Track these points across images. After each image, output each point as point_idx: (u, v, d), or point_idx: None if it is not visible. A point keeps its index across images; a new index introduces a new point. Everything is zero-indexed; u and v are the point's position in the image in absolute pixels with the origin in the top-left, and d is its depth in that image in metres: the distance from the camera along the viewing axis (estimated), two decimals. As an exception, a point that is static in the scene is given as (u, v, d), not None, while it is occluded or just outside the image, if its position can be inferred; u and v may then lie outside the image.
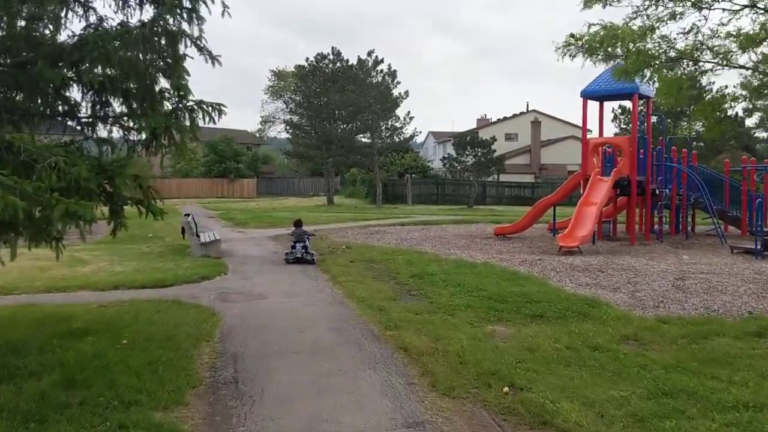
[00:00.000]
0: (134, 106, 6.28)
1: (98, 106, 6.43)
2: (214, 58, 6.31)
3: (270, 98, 71.75)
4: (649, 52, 9.96)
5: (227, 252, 15.66)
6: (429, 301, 9.37)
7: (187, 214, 16.46)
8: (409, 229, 22.80)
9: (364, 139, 39.50)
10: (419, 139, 54.71)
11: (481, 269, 11.88)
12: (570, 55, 10.72)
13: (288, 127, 41.67)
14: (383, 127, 36.58)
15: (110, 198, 6.18)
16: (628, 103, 37.84)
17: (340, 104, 36.58)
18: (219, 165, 59.01)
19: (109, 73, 5.85)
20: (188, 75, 6.36)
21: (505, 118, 57.66)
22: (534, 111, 54.95)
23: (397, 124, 36.66)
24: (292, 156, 46.57)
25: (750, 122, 43.86)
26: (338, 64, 38.45)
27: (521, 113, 56.26)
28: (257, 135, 77.24)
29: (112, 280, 11.25)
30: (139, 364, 6.00)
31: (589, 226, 15.84)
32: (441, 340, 7.04)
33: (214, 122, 6.74)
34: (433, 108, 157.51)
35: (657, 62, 10.07)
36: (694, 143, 34.61)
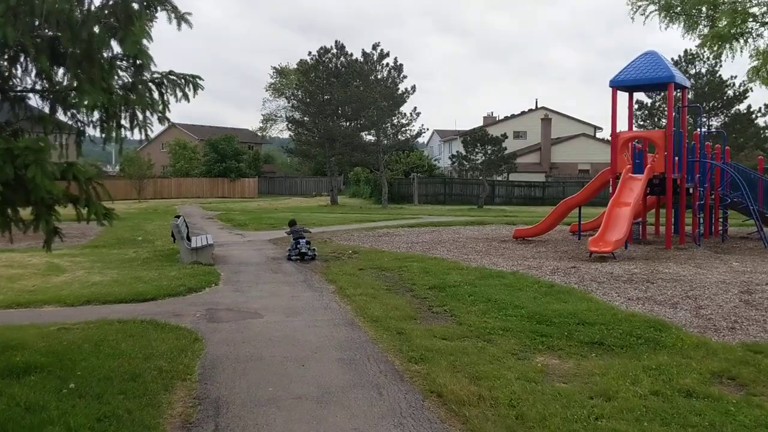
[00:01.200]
0: (82, 76, 4.70)
1: (30, 76, 4.87)
2: (181, 17, 4.77)
3: (272, 96, 70.21)
4: (748, 9, 8.24)
5: (221, 258, 14.12)
6: (456, 321, 7.80)
7: (178, 216, 14.91)
8: (419, 231, 21.25)
9: (368, 137, 37.95)
10: (424, 137, 53.09)
11: (510, 280, 10.29)
12: (642, 13, 9.02)
13: (290, 125, 40.14)
14: (389, 124, 34.99)
15: (27, 194, 4.58)
16: (645, 98, 36.24)
17: (344, 100, 35.04)
18: (219, 164, 57.51)
19: (36, 25, 4.29)
20: (149, 39, 4.81)
21: (513, 116, 56.05)
22: (543, 108, 53.34)
23: (404, 121, 35.08)
24: (295, 154, 45.04)
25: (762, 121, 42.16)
26: (342, 59, 36.91)
27: (530, 110, 54.65)
28: (259, 134, 75.67)
29: (84, 293, 9.71)
30: (83, 423, 4.44)
31: (622, 229, 14.25)
32: (483, 380, 5.47)
33: (188, 99, 5.17)
34: (434, 108, 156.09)
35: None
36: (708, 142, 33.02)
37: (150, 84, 4.92)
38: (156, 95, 5.00)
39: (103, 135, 5.00)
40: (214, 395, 5.30)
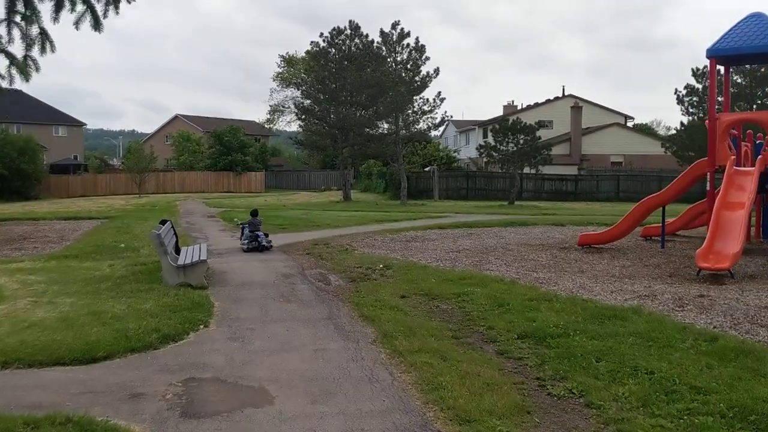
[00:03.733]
0: None
1: None
2: None
3: (279, 86, 66.75)
4: None
5: (218, 275, 10.93)
6: (603, 420, 4.56)
7: (164, 221, 11.70)
8: (454, 234, 18.00)
9: (385, 126, 34.57)
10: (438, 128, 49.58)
11: (640, 325, 6.97)
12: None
13: (299, 113, 36.81)
14: (410, 111, 31.62)
15: None
16: (694, 82, 32.66)
17: (359, 85, 31.72)
18: (225, 157, 54.33)
19: None
20: None
21: (536, 105, 52.54)
22: (571, 96, 49.81)
23: (426, 108, 31.64)
24: (304, 146, 41.75)
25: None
26: (356, 40, 33.56)
27: (556, 98, 51.11)
28: (266, 126, 72.38)
29: (10, 343, 6.54)
30: None
31: (738, 238, 10.97)
32: None
33: None
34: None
35: None
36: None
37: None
38: None
39: None
40: None
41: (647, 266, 11.94)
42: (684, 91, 31.71)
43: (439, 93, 31.39)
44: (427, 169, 42.57)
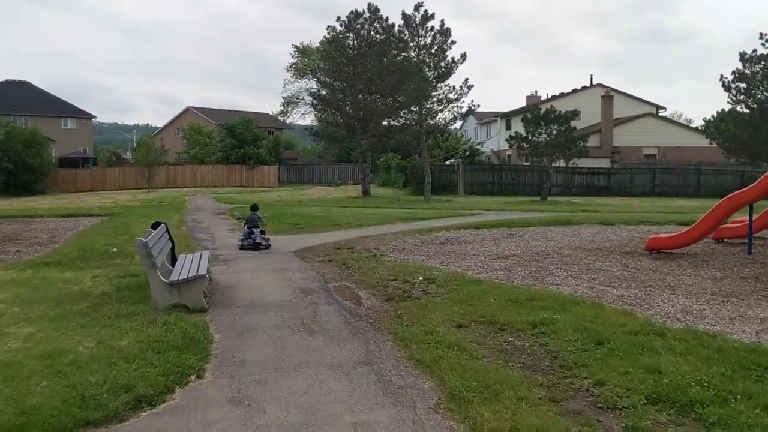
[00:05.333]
0: None
1: None
2: None
3: (293, 77, 64.61)
4: None
5: (222, 291, 8.89)
6: None
7: (157, 224, 9.66)
8: (494, 236, 15.86)
9: (406, 115, 32.33)
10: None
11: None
12: None
13: (315, 102, 34.67)
14: (435, 100, 29.39)
15: None
16: (740, 64, 30.07)
17: (379, 72, 29.53)
18: (237, 150, 52.38)
19: None
20: None
21: (562, 94, 50.03)
22: (600, 85, 47.28)
23: (452, 96, 29.39)
24: (320, 137, 39.61)
25: None
26: (375, 24, 31.36)
27: (584, 88, 48.61)
28: (279, 118, 70.35)
29: None
30: None
31: None
32: None
33: None
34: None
35: None
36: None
37: None
38: None
39: None
40: None
41: (745, 279, 9.74)
42: (731, 77, 29.18)
43: (467, 80, 29.10)
44: (449, 162, 40.36)
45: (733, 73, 29.06)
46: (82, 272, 10.52)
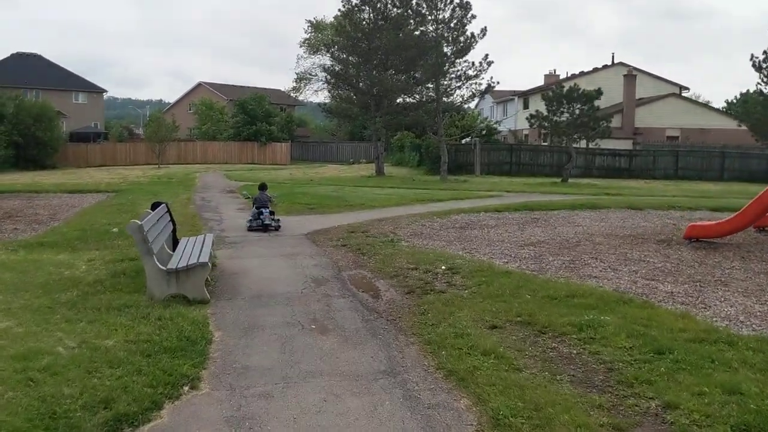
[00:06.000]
0: None
1: None
2: None
3: (306, 52, 63.34)
4: None
5: (227, 278, 8.11)
6: None
7: (157, 204, 8.87)
8: (517, 219, 14.98)
9: (422, 92, 31.22)
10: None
11: None
12: None
13: (329, 78, 33.62)
14: (454, 76, 28.25)
15: None
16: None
17: (396, 46, 28.41)
18: (249, 127, 51.46)
19: None
20: None
21: (582, 73, 48.52)
22: (622, 64, 45.78)
23: (471, 72, 28.24)
24: (333, 114, 38.58)
25: None
26: (393, -4, 30.15)
27: (604, 66, 47.10)
28: (292, 94, 69.22)
29: None
30: None
31: None
32: None
33: None
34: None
35: None
36: None
37: None
38: None
39: None
40: None
41: (806, 275, 8.81)
42: (761, 57, 27.82)
43: (486, 56, 27.89)
44: (465, 141, 39.26)
45: (765, 52, 27.70)
46: (77, 254, 9.77)
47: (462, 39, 27.51)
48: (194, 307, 6.66)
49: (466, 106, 38.09)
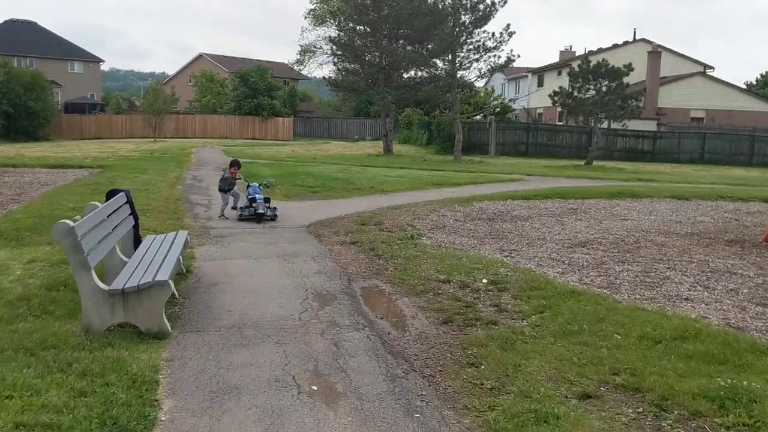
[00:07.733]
0: None
1: None
2: None
3: (311, 24, 60.62)
4: None
5: (201, 294, 6.10)
6: None
7: (114, 192, 6.87)
8: (552, 210, 12.99)
9: (437, 64, 28.92)
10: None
11: None
12: None
13: (335, 49, 31.32)
14: (472, 47, 25.93)
15: None
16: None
17: (408, 14, 26.11)
18: (251, 100, 49.14)
19: None
20: None
21: (601, 50, 45.91)
22: (645, 40, 43.23)
23: (490, 44, 25.91)
24: (339, 88, 36.31)
25: None
26: (405, -40, 27.73)
27: (625, 43, 44.54)
28: (295, 68, 66.68)
29: None
30: None
31: None
32: None
33: None
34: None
35: None
36: None
37: None
38: None
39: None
40: None
41: None
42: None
43: (508, 26, 25.70)
44: (477, 118, 37.01)
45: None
46: (20, 251, 7.77)
47: (481, 6, 25.14)
48: (145, 345, 4.67)
49: (477, 83, 35.89)
